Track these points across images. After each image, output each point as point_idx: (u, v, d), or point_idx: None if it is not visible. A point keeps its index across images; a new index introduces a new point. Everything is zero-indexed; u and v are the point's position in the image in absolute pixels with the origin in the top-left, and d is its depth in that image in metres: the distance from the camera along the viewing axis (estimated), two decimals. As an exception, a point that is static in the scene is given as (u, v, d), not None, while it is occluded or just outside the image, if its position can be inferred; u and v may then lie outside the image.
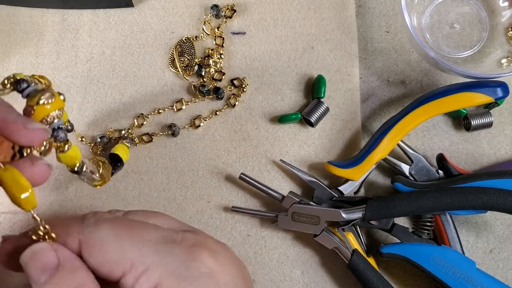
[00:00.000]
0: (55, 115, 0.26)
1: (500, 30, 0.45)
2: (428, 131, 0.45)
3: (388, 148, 0.41)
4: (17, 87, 0.25)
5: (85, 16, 0.47)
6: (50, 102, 0.25)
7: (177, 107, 0.45)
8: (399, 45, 0.46)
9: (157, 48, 0.46)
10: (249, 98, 0.46)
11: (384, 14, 0.47)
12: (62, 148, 0.27)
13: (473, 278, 0.38)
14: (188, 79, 0.46)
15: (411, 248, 0.40)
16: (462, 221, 0.43)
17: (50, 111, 0.25)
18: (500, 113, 0.45)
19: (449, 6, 0.46)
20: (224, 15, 0.46)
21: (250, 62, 0.46)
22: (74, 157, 0.29)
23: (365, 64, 0.46)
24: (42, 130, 0.25)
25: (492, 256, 0.43)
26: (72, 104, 0.45)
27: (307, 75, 0.46)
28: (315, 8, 0.47)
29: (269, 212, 0.43)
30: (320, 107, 0.44)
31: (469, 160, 0.44)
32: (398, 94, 0.46)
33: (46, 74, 0.45)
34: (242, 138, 0.45)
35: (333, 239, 0.41)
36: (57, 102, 0.25)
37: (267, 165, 0.45)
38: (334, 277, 0.43)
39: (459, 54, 0.45)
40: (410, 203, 0.39)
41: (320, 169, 0.45)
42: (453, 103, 0.40)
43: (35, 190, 0.25)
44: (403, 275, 0.43)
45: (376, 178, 0.44)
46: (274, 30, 0.46)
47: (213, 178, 0.45)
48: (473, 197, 0.38)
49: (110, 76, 0.46)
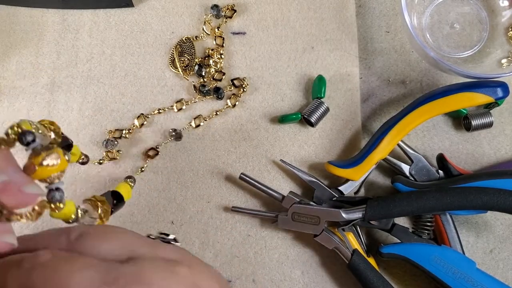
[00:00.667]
0: (57, 176, 0.24)
1: (500, 30, 0.45)
2: (428, 131, 0.45)
3: (388, 148, 0.41)
4: (21, 139, 0.23)
5: (85, 16, 0.47)
6: (54, 164, 0.23)
7: (177, 107, 0.45)
8: (399, 45, 0.46)
9: (157, 48, 0.46)
10: (249, 98, 0.46)
11: (384, 14, 0.47)
12: (56, 207, 0.25)
13: (473, 278, 0.38)
14: (188, 79, 0.46)
15: (411, 248, 0.40)
16: (462, 221, 0.43)
17: (53, 172, 0.24)
18: (500, 113, 0.45)
19: (449, 6, 0.46)
20: (224, 15, 0.46)
21: (250, 62, 0.46)
22: (68, 213, 0.27)
23: (365, 64, 0.46)
24: (36, 196, 0.23)
25: (492, 256, 0.43)
26: (72, 104, 0.45)
27: (307, 75, 0.46)
28: (315, 8, 0.47)
29: (269, 212, 0.43)
30: (320, 107, 0.44)
31: (469, 160, 0.44)
32: (398, 94, 0.46)
33: (46, 74, 0.46)
34: (242, 138, 0.45)
35: (333, 239, 0.41)
36: (61, 164, 0.24)
37: (267, 165, 0.45)
38: (334, 277, 0.43)
39: (459, 54, 0.45)
40: (410, 203, 0.39)
41: (320, 169, 0.45)
42: (453, 103, 0.40)
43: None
44: (403, 275, 0.43)
45: (376, 178, 0.44)
46: (274, 30, 0.46)
47: (213, 178, 0.44)
48: (473, 197, 0.38)
49: (110, 76, 0.46)
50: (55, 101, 0.45)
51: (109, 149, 0.44)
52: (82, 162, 0.25)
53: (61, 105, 0.45)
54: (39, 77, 0.46)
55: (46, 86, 0.46)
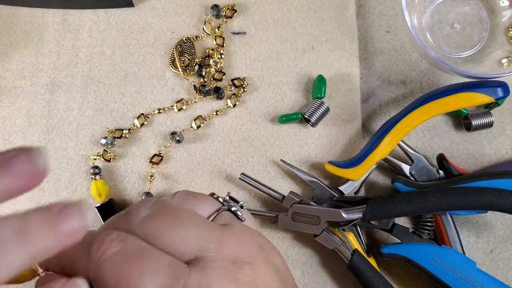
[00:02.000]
0: None
1: (500, 30, 0.45)
2: (429, 131, 0.45)
3: (389, 148, 0.41)
4: None
5: (85, 16, 0.47)
6: None
7: (178, 107, 0.45)
8: (399, 45, 0.46)
9: (158, 48, 0.46)
10: (249, 98, 0.46)
11: (384, 14, 0.47)
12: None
13: (473, 278, 0.38)
14: (189, 79, 0.46)
15: (411, 248, 0.40)
16: (463, 221, 0.43)
17: None
18: (500, 113, 0.45)
19: (450, 6, 0.46)
20: (225, 15, 0.46)
21: (250, 62, 0.46)
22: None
23: (365, 64, 0.46)
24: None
25: (493, 256, 0.43)
26: (72, 104, 0.45)
27: (307, 75, 0.46)
28: (315, 8, 0.47)
29: (269, 212, 0.43)
30: (321, 107, 0.44)
31: (469, 160, 0.44)
32: (398, 94, 0.46)
33: (46, 74, 0.46)
34: (242, 138, 0.45)
35: (333, 239, 0.41)
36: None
37: (267, 165, 0.45)
38: (334, 277, 0.43)
39: (459, 54, 0.45)
40: (410, 203, 0.39)
41: (321, 169, 0.44)
42: (454, 103, 0.40)
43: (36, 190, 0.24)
44: (404, 275, 0.43)
45: (377, 178, 0.44)
46: (274, 30, 0.46)
47: (213, 178, 0.44)
48: (474, 197, 0.38)
49: (110, 76, 0.46)
50: (55, 101, 0.45)
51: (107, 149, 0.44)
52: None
53: (61, 105, 0.45)
54: (39, 77, 0.46)
55: (46, 86, 0.46)
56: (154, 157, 0.44)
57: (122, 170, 0.44)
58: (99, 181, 0.43)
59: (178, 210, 0.28)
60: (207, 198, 0.33)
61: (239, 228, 0.30)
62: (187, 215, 0.28)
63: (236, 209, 0.33)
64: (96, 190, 0.43)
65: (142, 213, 0.27)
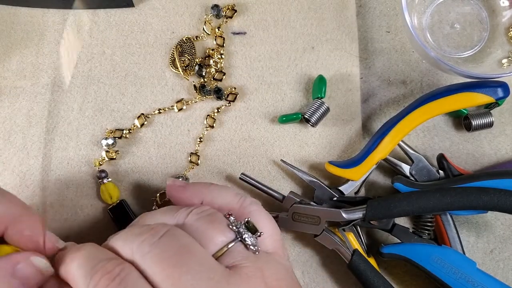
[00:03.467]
0: None
1: (500, 30, 0.45)
2: (429, 131, 0.45)
3: (389, 148, 0.41)
4: None
5: (85, 16, 0.47)
6: None
7: (178, 107, 0.45)
8: (399, 45, 0.46)
9: (158, 48, 0.46)
10: (249, 98, 0.46)
11: (384, 14, 0.47)
12: None
13: (473, 279, 0.38)
14: (189, 79, 0.46)
15: (411, 248, 0.40)
16: (463, 221, 0.43)
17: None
18: (500, 113, 0.45)
19: (450, 6, 0.46)
20: (225, 15, 0.46)
21: (250, 62, 0.46)
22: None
23: (365, 64, 0.46)
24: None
25: (493, 256, 0.43)
26: (72, 104, 0.45)
27: (307, 75, 0.46)
28: (316, 8, 0.47)
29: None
30: (321, 107, 0.44)
31: (469, 160, 0.44)
32: (399, 94, 0.46)
33: (46, 74, 0.46)
34: (242, 138, 0.45)
35: (333, 239, 0.41)
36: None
37: (267, 165, 0.45)
38: (334, 277, 0.43)
39: (459, 54, 0.45)
40: (410, 203, 0.39)
41: (321, 169, 0.44)
42: (454, 103, 0.40)
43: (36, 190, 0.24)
44: (404, 275, 0.43)
45: (377, 178, 0.44)
46: (274, 30, 0.46)
47: (214, 178, 0.44)
48: (474, 197, 0.38)
49: (110, 76, 0.46)
50: (55, 101, 0.45)
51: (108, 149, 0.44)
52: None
53: (61, 105, 0.45)
54: (39, 77, 0.46)
55: (47, 86, 0.46)
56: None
57: (123, 170, 0.44)
58: (108, 184, 0.43)
59: (182, 252, 0.28)
60: (222, 226, 0.32)
61: (245, 275, 0.29)
62: (190, 260, 0.28)
63: (249, 242, 0.31)
64: (106, 193, 0.43)
65: (145, 247, 0.28)
